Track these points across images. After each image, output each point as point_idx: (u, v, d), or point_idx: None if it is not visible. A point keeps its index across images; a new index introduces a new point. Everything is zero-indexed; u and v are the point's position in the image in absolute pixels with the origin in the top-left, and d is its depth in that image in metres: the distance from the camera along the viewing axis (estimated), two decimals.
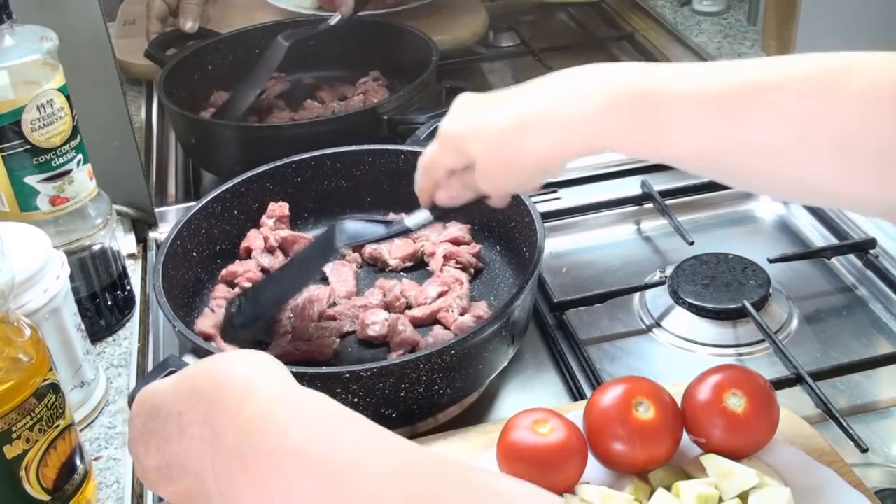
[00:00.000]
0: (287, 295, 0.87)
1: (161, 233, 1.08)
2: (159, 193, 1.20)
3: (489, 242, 0.99)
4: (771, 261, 0.97)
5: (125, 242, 1.05)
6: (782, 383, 0.83)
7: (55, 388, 0.68)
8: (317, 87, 1.31)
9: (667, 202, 1.08)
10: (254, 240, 0.97)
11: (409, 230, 0.80)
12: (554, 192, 1.15)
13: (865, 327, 0.93)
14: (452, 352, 0.76)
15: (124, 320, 0.96)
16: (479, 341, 0.77)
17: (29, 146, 0.82)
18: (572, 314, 0.95)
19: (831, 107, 0.55)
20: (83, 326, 0.83)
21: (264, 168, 0.99)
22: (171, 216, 1.10)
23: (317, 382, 0.73)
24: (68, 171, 0.85)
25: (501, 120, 0.65)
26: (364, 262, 0.98)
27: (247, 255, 0.97)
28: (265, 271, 0.95)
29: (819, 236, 1.07)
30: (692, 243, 1.01)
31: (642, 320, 0.95)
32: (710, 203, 1.13)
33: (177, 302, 0.86)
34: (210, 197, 0.96)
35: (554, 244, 1.06)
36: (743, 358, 0.90)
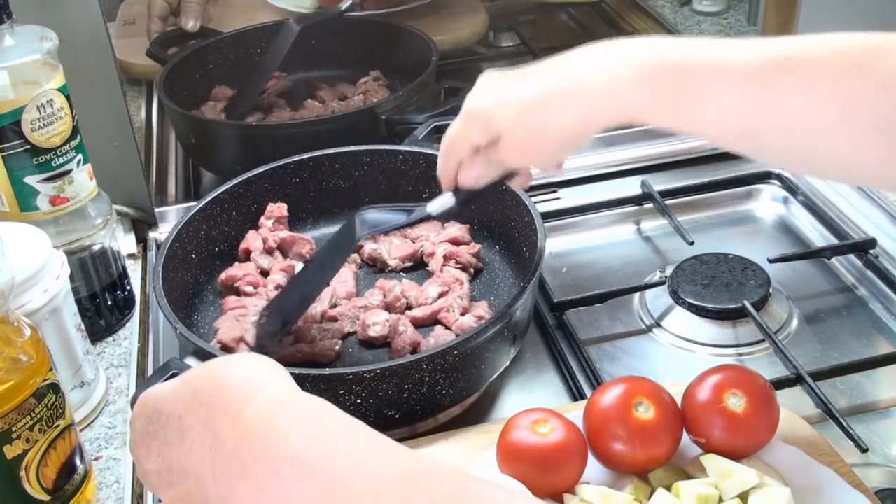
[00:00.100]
0: (313, 293, 0.86)
1: (161, 233, 1.08)
2: (159, 193, 1.19)
3: (488, 242, 0.99)
4: (771, 261, 0.97)
5: (125, 242, 1.05)
6: (782, 383, 0.83)
7: (55, 388, 0.68)
8: (317, 86, 1.31)
9: (667, 202, 1.08)
10: (252, 241, 0.97)
11: (430, 216, 0.78)
12: (554, 192, 1.15)
13: (865, 327, 0.93)
14: (455, 352, 0.76)
15: (124, 320, 0.96)
16: (482, 341, 0.77)
17: (29, 146, 0.82)
18: (572, 314, 0.95)
19: (869, 85, 0.54)
20: (83, 326, 0.83)
21: (262, 169, 0.99)
22: (171, 216, 1.10)
23: (320, 384, 0.73)
24: (68, 171, 0.85)
25: (529, 92, 0.65)
26: (363, 262, 0.98)
27: (245, 256, 0.97)
28: (264, 273, 0.95)
29: (819, 236, 1.06)
30: (692, 243, 1.01)
31: (642, 320, 0.95)
32: (710, 203, 1.13)
33: (177, 304, 0.86)
34: (208, 198, 0.96)
35: (554, 244, 1.06)
36: (743, 358, 0.90)
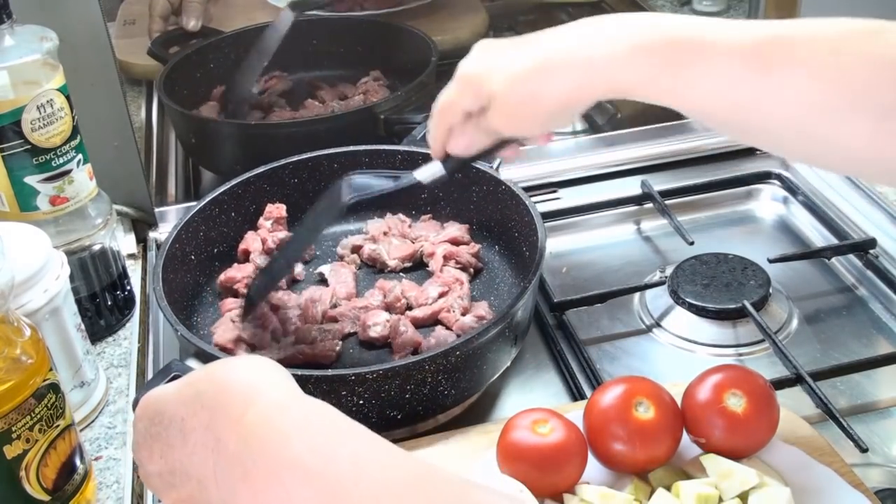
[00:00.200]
0: (298, 253, 0.90)
1: (161, 233, 1.08)
2: (159, 193, 1.19)
3: (487, 242, 0.99)
4: (771, 261, 0.97)
5: (125, 242, 1.05)
6: (782, 383, 0.83)
7: (55, 388, 0.68)
8: (318, 86, 1.31)
9: (667, 202, 1.08)
10: (251, 242, 0.97)
11: (418, 183, 0.77)
12: (554, 191, 1.15)
13: (865, 327, 0.93)
14: (457, 352, 0.76)
15: (124, 320, 0.96)
16: (484, 342, 0.77)
17: (29, 146, 0.82)
18: (572, 314, 0.95)
19: (865, 65, 0.54)
20: (83, 326, 0.83)
21: (261, 170, 0.99)
22: (171, 216, 1.10)
23: (322, 385, 0.73)
24: (68, 171, 0.85)
25: (524, 59, 0.64)
26: (363, 263, 0.98)
27: (245, 257, 0.97)
28: None
29: (819, 236, 1.06)
30: (692, 243, 1.01)
31: (642, 320, 0.95)
32: (710, 203, 1.13)
33: (177, 305, 0.86)
34: (207, 200, 0.96)
35: (554, 244, 1.06)
36: (743, 358, 0.90)
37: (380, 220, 1.01)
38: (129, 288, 0.97)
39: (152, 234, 1.09)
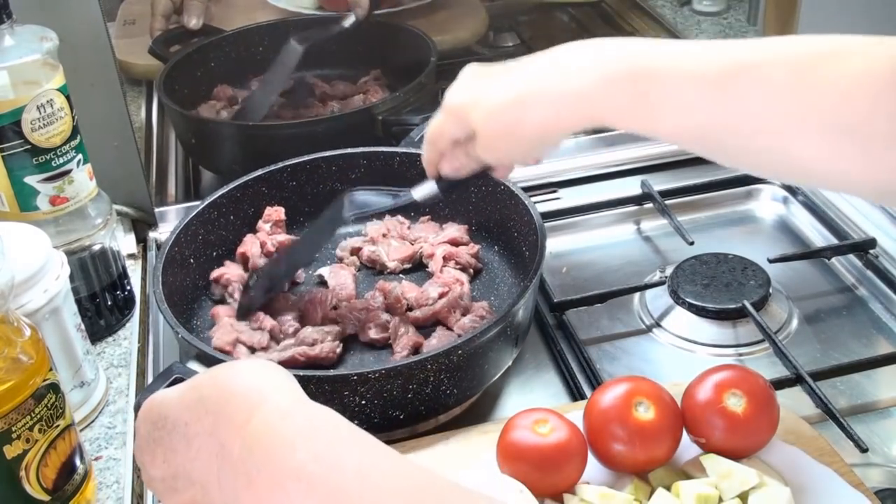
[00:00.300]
0: (298, 265, 0.93)
1: (161, 233, 1.08)
2: (159, 193, 1.19)
3: (487, 243, 0.99)
4: (771, 261, 0.97)
5: (125, 242, 1.05)
6: (782, 383, 0.83)
7: (55, 388, 0.68)
8: (318, 85, 1.31)
9: (667, 202, 1.08)
10: (250, 245, 0.96)
11: (415, 202, 0.81)
12: (554, 192, 1.15)
13: (865, 327, 0.93)
14: (459, 352, 0.76)
15: (124, 320, 0.96)
16: (486, 341, 0.77)
17: (29, 146, 0.82)
18: (572, 314, 0.95)
19: (820, 89, 0.55)
20: (83, 326, 0.83)
21: (259, 173, 0.99)
22: (171, 216, 1.10)
23: (325, 385, 0.73)
24: (68, 171, 0.85)
25: (501, 93, 0.67)
26: (362, 264, 0.98)
27: (243, 260, 0.96)
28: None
29: (819, 236, 1.06)
30: (692, 243, 1.01)
31: (642, 320, 0.95)
32: (710, 203, 1.13)
33: (176, 308, 0.86)
34: (206, 203, 0.95)
35: (554, 244, 1.06)
36: (743, 358, 0.90)
37: (379, 221, 1.01)
38: (129, 288, 0.97)
39: (152, 234, 1.09)
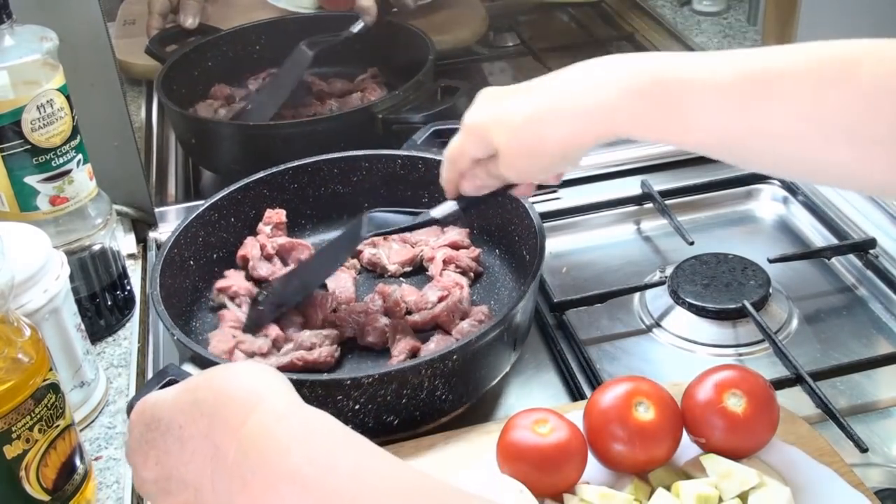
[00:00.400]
0: (312, 284, 0.91)
1: (161, 233, 1.08)
2: (159, 193, 1.19)
3: (488, 246, 0.98)
4: (771, 261, 0.97)
5: (125, 242, 1.05)
6: (782, 383, 0.83)
7: (55, 388, 0.68)
8: (316, 84, 1.31)
9: (667, 202, 1.08)
10: (251, 248, 0.96)
11: (435, 221, 0.80)
12: (554, 192, 1.15)
13: (865, 327, 0.93)
14: (454, 357, 0.75)
15: (124, 320, 0.96)
16: (482, 346, 0.77)
17: (29, 146, 0.82)
18: (572, 314, 0.95)
19: (843, 94, 0.56)
20: (83, 326, 0.83)
21: (260, 175, 0.99)
22: (171, 216, 1.10)
23: (318, 389, 0.73)
24: (68, 171, 0.85)
25: (523, 110, 0.67)
26: (363, 267, 0.98)
27: (244, 263, 0.96)
28: (260, 283, 0.95)
29: (819, 236, 1.06)
30: (692, 243, 1.01)
31: (642, 320, 0.95)
32: (710, 203, 1.13)
33: (175, 310, 0.86)
34: (206, 205, 0.95)
35: (554, 244, 1.06)
36: (743, 358, 0.90)
37: None
38: (129, 288, 0.97)
39: (152, 234, 1.09)
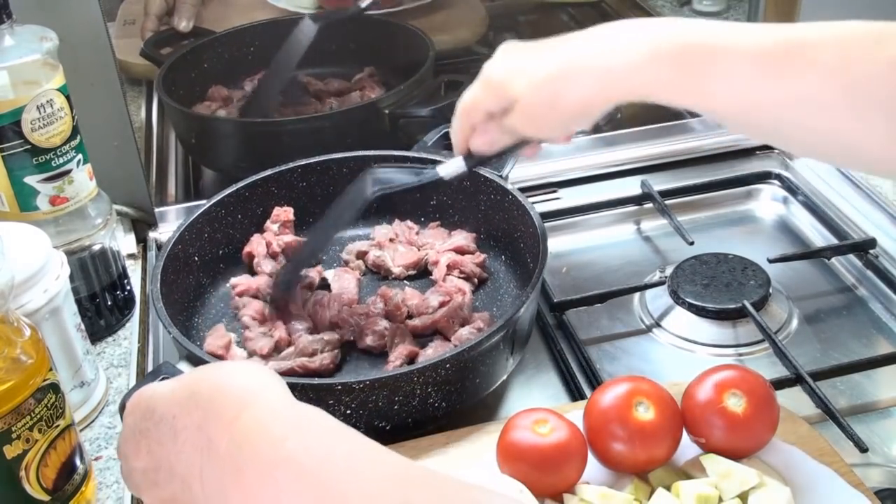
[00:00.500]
0: (322, 246, 0.92)
1: (161, 233, 1.08)
2: (159, 193, 1.19)
3: (495, 252, 0.98)
4: (771, 261, 0.97)
5: (125, 242, 1.05)
6: (782, 383, 0.83)
7: (55, 388, 0.68)
8: (312, 83, 1.30)
9: (667, 202, 1.08)
10: (256, 245, 0.96)
11: (441, 179, 0.79)
12: (554, 191, 1.15)
13: (865, 327, 0.93)
14: (448, 365, 0.75)
15: (124, 320, 0.96)
16: (476, 355, 0.76)
17: (29, 146, 0.82)
18: (572, 314, 0.95)
19: (872, 69, 0.55)
20: (83, 326, 0.83)
21: (269, 172, 0.98)
22: (171, 216, 1.10)
23: (309, 393, 0.72)
24: (68, 171, 0.85)
25: (547, 64, 0.67)
26: (367, 269, 0.98)
27: (249, 260, 0.96)
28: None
29: (819, 236, 1.06)
30: (692, 243, 1.01)
31: (642, 320, 0.95)
32: (710, 203, 1.13)
33: (177, 306, 0.86)
34: (213, 201, 0.95)
35: (554, 244, 1.05)
36: (743, 358, 0.90)
37: (388, 225, 1.00)
38: (128, 288, 0.97)
39: (152, 234, 1.09)
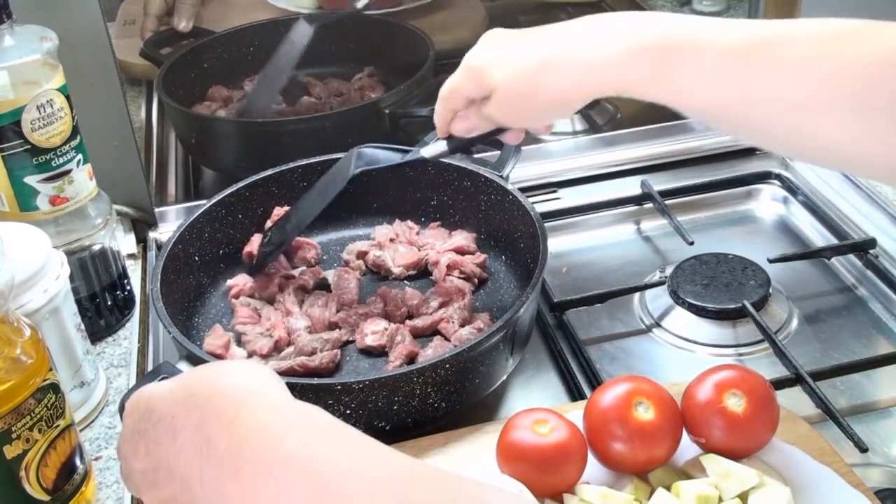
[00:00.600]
0: (307, 219, 0.92)
1: (161, 233, 1.08)
2: (159, 193, 1.19)
3: (495, 252, 0.98)
4: (771, 261, 0.97)
5: (125, 242, 1.05)
6: (782, 383, 0.83)
7: (55, 388, 0.68)
8: (311, 84, 1.31)
9: (667, 202, 1.08)
10: (256, 244, 0.96)
11: (424, 159, 0.82)
12: (554, 191, 1.15)
13: (865, 327, 0.93)
14: (447, 365, 0.75)
15: (124, 320, 0.96)
16: (476, 355, 0.76)
17: (29, 146, 0.82)
18: (572, 314, 0.95)
19: (847, 66, 0.55)
20: (83, 326, 0.83)
21: (269, 172, 0.98)
22: (171, 216, 1.10)
23: (308, 393, 0.72)
24: (68, 171, 0.85)
25: (525, 55, 0.68)
26: (367, 269, 0.98)
27: (249, 260, 0.96)
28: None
29: (819, 236, 1.07)
30: (692, 243, 1.01)
31: (642, 320, 0.95)
32: (710, 203, 1.13)
33: (177, 306, 0.86)
34: (213, 201, 0.95)
35: (554, 244, 1.05)
36: (743, 358, 0.90)
37: (388, 225, 1.00)
38: (128, 288, 0.97)
39: (152, 234, 1.09)
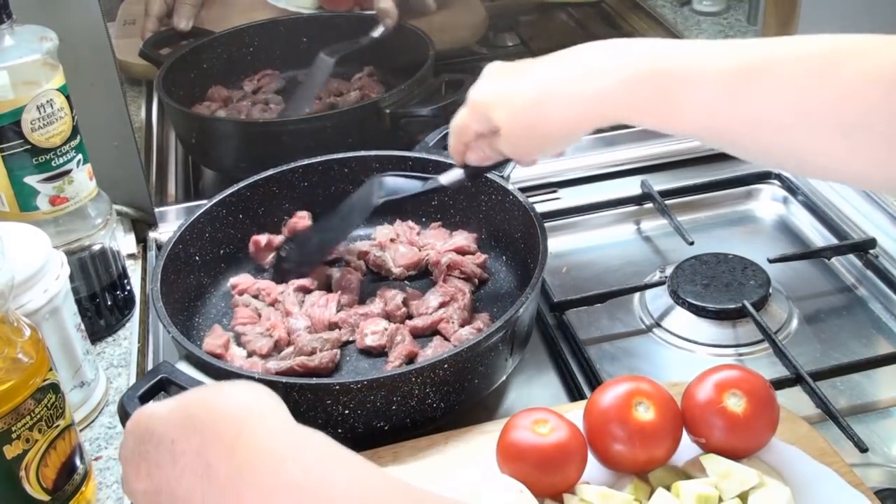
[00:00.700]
0: (331, 244, 0.96)
1: (161, 233, 1.08)
2: (159, 193, 1.19)
3: (495, 252, 0.98)
4: (771, 261, 0.97)
5: (125, 242, 1.05)
6: (782, 383, 0.83)
7: (55, 388, 0.68)
8: None
9: (667, 202, 1.08)
10: (265, 241, 0.96)
11: (443, 187, 0.86)
12: (554, 191, 1.15)
13: (865, 327, 0.93)
14: (446, 366, 0.75)
15: (124, 320, 0.96)
16: (476, 355, 0.76)
17: (29, 146, 0.82)
18: (572, 314, 0.95)
19: (834, 86, 0.57)
20: (83, 326, 0.83)
21: (270, 172, 0.98)
22: (171, 216, 1.10)
23: (307, 393, 0.72)
24: (68, 171, 0.85)
25: (524, 91, 0.70)
26: (368, 269, 0.98)
27: (256, 248, 0.96)
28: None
29: (819, 236, 1.06)
30: (692, 243, 1.01)
31: (642, 320, 0.95)
32: (710, 203, 1.13)
33: (177, 306, 0.86)
34: (214, 201, 0.95)
35: (554, 244, 1.05)
36: (743, 358, 0.90)
37: (389, 226, 1.00)
38: (128, 288, 0.97)
39: (152, 234, 1.09)
